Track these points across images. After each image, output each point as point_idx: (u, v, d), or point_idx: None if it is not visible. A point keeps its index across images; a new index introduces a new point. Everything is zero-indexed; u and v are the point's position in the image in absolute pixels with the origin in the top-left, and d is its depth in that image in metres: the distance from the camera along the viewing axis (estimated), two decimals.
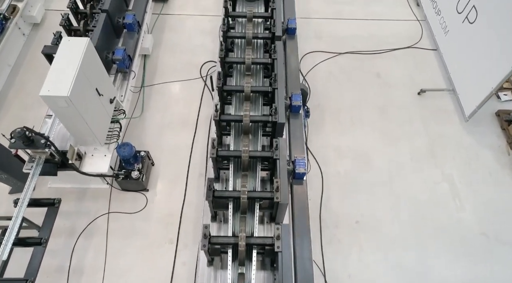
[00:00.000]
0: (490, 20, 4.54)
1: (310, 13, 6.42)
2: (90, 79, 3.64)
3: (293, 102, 4.16)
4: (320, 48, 5.93)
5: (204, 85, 5.48)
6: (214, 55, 5.78)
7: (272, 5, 4.65)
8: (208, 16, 6.31)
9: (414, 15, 6.40)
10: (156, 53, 5.77)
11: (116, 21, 4.92)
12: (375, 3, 6.56)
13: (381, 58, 5.84)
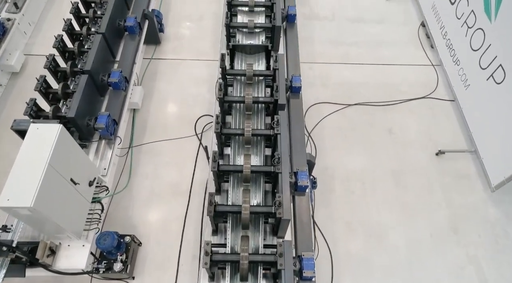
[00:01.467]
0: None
1: (315, 56, 5.91)
2: (63, 170, 3.11)
3: (299, 182, 3.68)
4: (327, 98, 5.41)
5: (199, 144, 4.95)
6: (211, 106, 5.26)
7: (274, 65, 4.14)
8: (204, 61, 5.80)
9: (428, 58, 5.89)
10: (146, 106, 5.24)
11: (100, 79, 4.40)
12: (384, 44, 6.06)
13: (393, 110, 5.32)
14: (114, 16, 4.85)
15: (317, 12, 6.51)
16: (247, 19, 5.06)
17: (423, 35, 6.18)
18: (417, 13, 6.45)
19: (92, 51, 4.32)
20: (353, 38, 6.14)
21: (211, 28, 6.21)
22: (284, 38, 5.21)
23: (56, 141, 2.97)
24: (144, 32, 5.35)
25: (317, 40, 6.12)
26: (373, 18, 6.43)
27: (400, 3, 6.63)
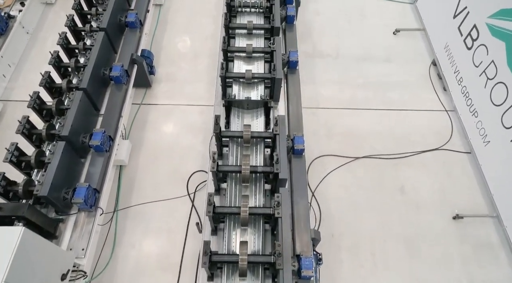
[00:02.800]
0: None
1: (319, 101, 5.46)
2: (28, 274, 2.65)
3: (303, 272, 3.22)
4: (332, 150, 4.96)
5: (191, 206, 4.49)
6: (205, 160, 4.81)
7: (275, 129, 3.70)
8: (198, 106, 5.35)
9: (440, 102, 5.44)
10: (134, 162, 4.79)
11: (80, 141, 3.96)
12: (393, 86, 5.61)
13: (405, 164, 4.87)
14: (98, 64, 4.42)
15: (320, 49, 6.07)
16: (244, 67, 4.65)
17: (434, 75, 5.73)
18: (427, 50, 6.01)
19: (71, 112, 3.88)
20: (359, 79, 5.70)
21: (206, 68, 5.77)
22: (285, 85, 4.77)
23: (16, 249, 2.52)
24: (133, 78, 4.92)
25: (321, 81, 5.67)
26: (380, 55, 5.99)
27: (408, 38, 6.19)
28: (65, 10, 6.33)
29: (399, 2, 6.70)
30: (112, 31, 4.81)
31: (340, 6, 6.67)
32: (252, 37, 4.97)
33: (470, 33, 4.75)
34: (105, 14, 4.77)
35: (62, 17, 6.25)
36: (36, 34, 6.06)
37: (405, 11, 6.58)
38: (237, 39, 4.93)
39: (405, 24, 6.34)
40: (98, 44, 4.51)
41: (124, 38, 5.11)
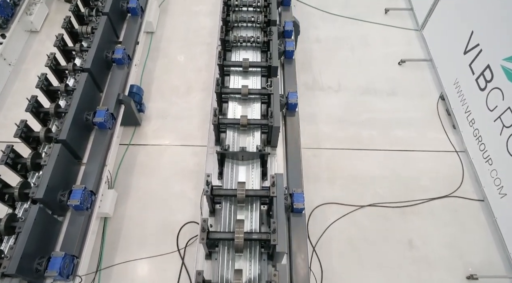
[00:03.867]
0: None
1: (320, 141, 5.10)
2: None
3: None
4: (334, 198, 4.60)
5: (181, 264, 4.12)
6: (197, 210, 4.45)
7: (272, 191, 3.33)
8: (191, 147, 4.99)
9: (450, 142, 5.09)
10: (120, 213, 4.42)
11: (58, 199, 3.59)
12: (399, 124, 5.25)
13: (413, 213, 4.51)
14: (81, 108, 4.06)
15: (321, 80, 5.72)
16: (239, 108, 4.30)
17: (443, 111, 5.38)
18: (435, 83, 5.66)
19: (47, 169, 3.52)
20: (363, 115, 5.34)
21: (200, 103, 5.41)
22: (284, 128, 4.42)
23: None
24: (119, 120, 4.55)
25: (322, 117, 5.32)
26: (385, 88, 5.64)
27: (415, 69, 5.84)
28: (50, 38, 5.98)
29: (404, 29, 6.36)
30: (97, 69, 4.46)
31: (342, 32, 6.33)
32: (249, 74, 4.63)
33: (483, 73, 4.41)
34: (90, 52, 4.42)
35: (47, 47, 5.95)
36: (19, 66, 5.71)
37: (411, 39, 6.24)
38: (232, 77, 4.59)
39: (410, 53, 5.99)
40: (81, 86, 4.15)
41: (111, 75, 4.76)
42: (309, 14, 6.59)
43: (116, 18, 5.14)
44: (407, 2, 6.62)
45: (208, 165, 3.86)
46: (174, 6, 6.64)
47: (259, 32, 5.08)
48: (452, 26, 5.16)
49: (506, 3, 4.04)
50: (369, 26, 6.42)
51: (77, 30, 4.85)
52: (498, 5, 4.18)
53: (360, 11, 6.59)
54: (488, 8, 4.33)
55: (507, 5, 4.03)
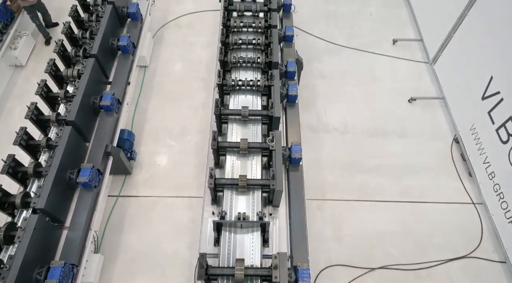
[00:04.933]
0: None
1: (325, 189, 4.72)
2: None
3: None
4: (342, 259, 4.21)
5: None
6: (191, 272, 4.06)
7: (275, 274, 2.96)
8: (185, 199, 4.61)
9: (466, 193, 4.70)
10: (107, 278, 4.03)
11: (34, 279, 3.20)
12: (411, 171, 4.86)
13: (429, 277, 4.11)
14: (64, 166, 3.69)
15: (326, 121, 5.34)
16: (237, 163, 3.93)
17: (457, 156, 4.99)
18: (448, 123, 5.27)
19: (21, 245, 3.13)
20: (371, 160, 4.96)
21: (196, 147, 5.03)
22: (287, 185, 4.04)
23: None
24: (107, 175, 4.17)
25: (327, 163, 4.93)
26: (394, 129, 5.25)
27: (426, 107, 5.46)
28: (37, 74, 5.61)
29: (413, 61, 5.98)
30: (82, 119, 4.09)
31: (348, 65, 5.95)
32: (248, 123, 4.26)
33: (505, 125, 4.03)
34: (75, 101, 4.04)
35: (33, 83, 5.56)
36: (2, 105, 5.34)
37: (421, 72, 5.86)
38: (230, 126, 4.21)
39: (421, 89, 5.61)
40: (64, 141, 3.78)
41: (99, 123, 4.39)
42: (313, 44, 6.21)
43: (105, 57, 4.77)
44: (416, 33, 6.25)
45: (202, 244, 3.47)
46: (169, 36, 6.27)
47: (260, 73, 4.72)
48: (468, 66, 4.79)
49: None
50: (377, 58, 6.04)
51: (62, 74, 4.48)
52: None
53: (366, 42, 6.21)
54: None
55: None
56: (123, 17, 5.34)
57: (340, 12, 6.67)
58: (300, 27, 6.40)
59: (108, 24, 4.87)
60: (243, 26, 4.99)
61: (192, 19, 6.52)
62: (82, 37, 4.86)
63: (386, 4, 6.79)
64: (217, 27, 6.10)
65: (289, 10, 5.49)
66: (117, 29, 5.24)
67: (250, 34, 5.06)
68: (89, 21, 5.05)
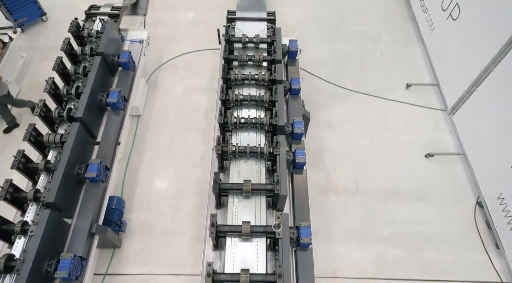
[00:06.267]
0: None
1: (336, 266, 4.23)
2: None
3: None
4: None
5: None
6: None
7: None
8: (182, 277, 4.13)
9: (494, 268, 4.22)
10: None
11: None
12: (431, 241, 4.38)
13: None
14: (40, 254, 3.21)
15: (335, 180, 4.87)
16: (240, 264, 3.45)
17: (482, 223, 4.52)
18: (469, 183, 4.80)
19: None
20: (386, 228, 4.49)
21: (193, 212, 4.56)
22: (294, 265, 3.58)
23: None
24: (92, 257, 3.69)
25: (338, 232, 4.46)
26: (411, 190, 4.78)
27: (444, 164, 4.99)
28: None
29: (429, 109, 5.52)
30: (65, 195, 3.61)
31: (358, 114, 5.49)
32: (250, 197, 3.79)
33: None
34: (55, 179, 3.56)
35: (16, 137, 5.14)
36: None
37: (438, 122, 5.39)
38: (231, 199, 3.75)
39: (439, 143, 5.15)
40: (42, 227, 3.30)
41: (83, 197, 3.90)
42: (320, 89, 5.76)
43: (92, 116, 4.31)
44: (431, 77, 5.79)
45: None
46: (165, 80, 5.82)
47: (263, 135, 4.26)
48: (494, 127, 4.32)
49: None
50: (389, 104, 5.58)
51: (44, 139, 4.01)
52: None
53: (378, 86, 5.76)
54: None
55: None
56: (114, 66, 4.88)
57: (349, 51, 6.22)
58: (306, 69, 5.95)
59: (97, 78, 4.41)
60: (245, 79, 4.54)
61: (189, 59, 6.07)
62: (67, 94, 4.41)
63: (397, 41, 6.34)
64: (216, 68, 5.68)
65: (294, 56, 5.04)
66: (107, 79, 4.78)
67: (252, 87, 4.63)
68: (75, 73, 4.60)
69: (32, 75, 5.79)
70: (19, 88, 5.59)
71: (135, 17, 6.58)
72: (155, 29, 6.42)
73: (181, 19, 6.59)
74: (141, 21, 6.53)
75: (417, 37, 6.32)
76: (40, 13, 6.24)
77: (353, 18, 6.66)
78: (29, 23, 6.21)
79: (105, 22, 4.90)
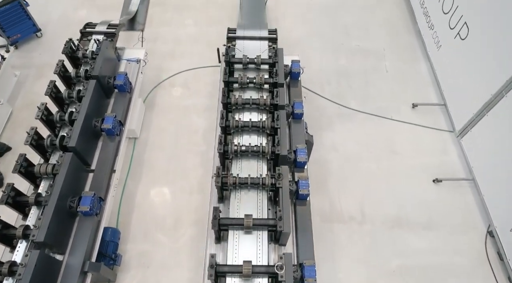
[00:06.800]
0: None
1: None
2: None
3: None
4: None
5: None
6: None
7: None
8: None
9: None
10: None
11: None
12: (441, 275, 4.18)
13: None
14: None
15: (340, 207, 4.67)
16: None
17: (493, 254, 4.32)
18: (479, 210, 4.61)
19: None
20: (394, 261, 4.29)
21: (190, 243, 4.37)
22: None
23: None
24: None
25: (343, 265, 4.26)
26: (418, 218, 4.58)
27: (453, 190, 4.79)
28: (13, 150, 4.98)
29: (436, 130, 5.33)
30: (55, 231, 3.41)
31: (363, 134, 5.30)
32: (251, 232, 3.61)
33: None
34: (46, 214, 3.38)
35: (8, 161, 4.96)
36: None
37: (445, 144, 5.20)
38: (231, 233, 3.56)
39: (447, 167, 4.96)
40: (30, 269, 3.12)
41: (76, 231, 3.70)
42: (323, 108, 5.57)
43: (86, 144, 4.13)
44: (438, 95, 5.60)
45: None
46: (163, 99, 5.63)
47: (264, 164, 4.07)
48: (505, 156, 4.13)
49: None
50: (395, 125, 5.39)
51: (35, 170, 3.82)
52: None
53: (383, 106, 5.57)
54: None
55: None
56: (110, 88, 4.70)
57: (352, 67, 6.03)
58: (308, 87, 5.76)
59: (91, 103, 4.22)
60: (246, 103, 4.36)
61: (188, 77, 5.88)
62: (61, 120, 4.22)
63: (402, 58, 6.15)
64: (215, 86, 5.51)
65: (297, 78, 4.86)
66: (102, 103, 4.59)
67: (253, 111, 4.44)
68: (69, 97, 4.42)
69: (26, 94, 5.61)
70: (11, 108, 5.40)
71: (133, 32, 6.40)
72: (153, 45, 6.24)
73: (180, 34, 6.41)
74: (139, 36, 6.35)
75: (422, 53, 6.13)
76: (35, 30, 6.04)
77: (357, 32, 6.47)
78: (23, 39, 6.03)
79: (100, 43, 4.72)
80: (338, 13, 6.73)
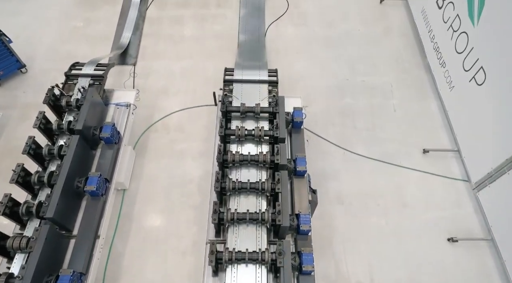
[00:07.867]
0: None
1: None
2: None
3: None
4: None
5: None
6: None
7: None
8: None
9: None
10: None
11: None
12: None
13: None
14: None
15: (346, 270, 4.27)
16: None
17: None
18: (499, 273, 4.21)
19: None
20: None
21: None
22: None
23: None
24: None
25: None
26: (433, 272, 4.19)
27: (470, 250, 4.38)
28: None
29: (449, 179, 4.93)
30: None
31: (370, 186, 4.89)
32: None
33: None
34: None
35: None
36: None
37: (460, 195, 4.80)
38: None
39: (463, 223, 4.56)
40: None
41: None
42: (328, 154, 5.17)
43: (66, 209, 3.73)
44: (450, 139, 5.21)
45: None
46: (155, 143, 5.23)
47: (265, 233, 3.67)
48: None
49: None
50: (405, 173, 5.00)
51: (7, 244, 3.42)
52: None
53: (391, 151, 5.17)
54: None
55: None
56: (95, 140, 4.31)
57: (358, 106, 5.64)
58: (311, 129, 5.37)
59: (74, 161, 3.83)
60: (243, 160, 3.97)
61: (182, 118, 5.49)
62: (39, 181, 3.83)
63: (411, 96, 5.76)
64: (210, 128, 5.13)
65: (299, 127, 4.48)
66: (86, 157, 4.19)
67: (252, 168, 4.05)
68: (49, 154, 4.03)
69: (8, 139, 5.21)
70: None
71: (124, 67, 6.01)
72: (145, 80, 5.86)
73: (175, 69, 6.03)
74: (131, 71, 5.96)
75: (433, 90, 5.75)
76: (19, 66, 5.66)
77: (362, 67, 6.09)
78: (7, 76, 5.65)
79: (85, 91, 4.33)
80: (342, 45, 6.35)
